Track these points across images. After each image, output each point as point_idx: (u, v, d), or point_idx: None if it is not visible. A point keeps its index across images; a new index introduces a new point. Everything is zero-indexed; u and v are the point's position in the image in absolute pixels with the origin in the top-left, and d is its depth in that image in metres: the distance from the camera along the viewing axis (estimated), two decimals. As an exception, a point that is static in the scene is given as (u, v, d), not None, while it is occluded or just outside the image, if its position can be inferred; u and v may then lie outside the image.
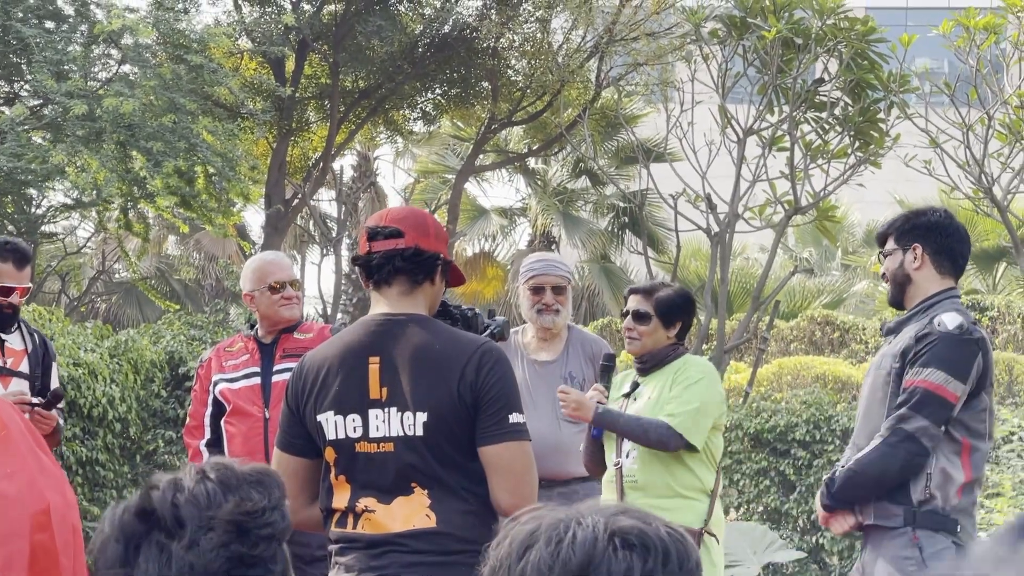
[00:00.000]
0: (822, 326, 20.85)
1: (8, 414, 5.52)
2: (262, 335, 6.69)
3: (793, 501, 12.66)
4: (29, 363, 6.70)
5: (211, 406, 6.67)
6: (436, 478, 4.17)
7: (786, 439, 12.77)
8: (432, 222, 4.43)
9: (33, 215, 21.23)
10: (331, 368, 4.30)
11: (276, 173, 24.60)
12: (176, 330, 12.66)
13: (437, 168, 31.48)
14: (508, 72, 25.15)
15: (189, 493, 2.08)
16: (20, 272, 6.62)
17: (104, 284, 32.00)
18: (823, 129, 12.51)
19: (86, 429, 10.29)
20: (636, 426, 5.92)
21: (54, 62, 17.70)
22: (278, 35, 22.20)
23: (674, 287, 6.31)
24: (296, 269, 6.68)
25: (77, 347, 10.30)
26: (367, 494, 4.24)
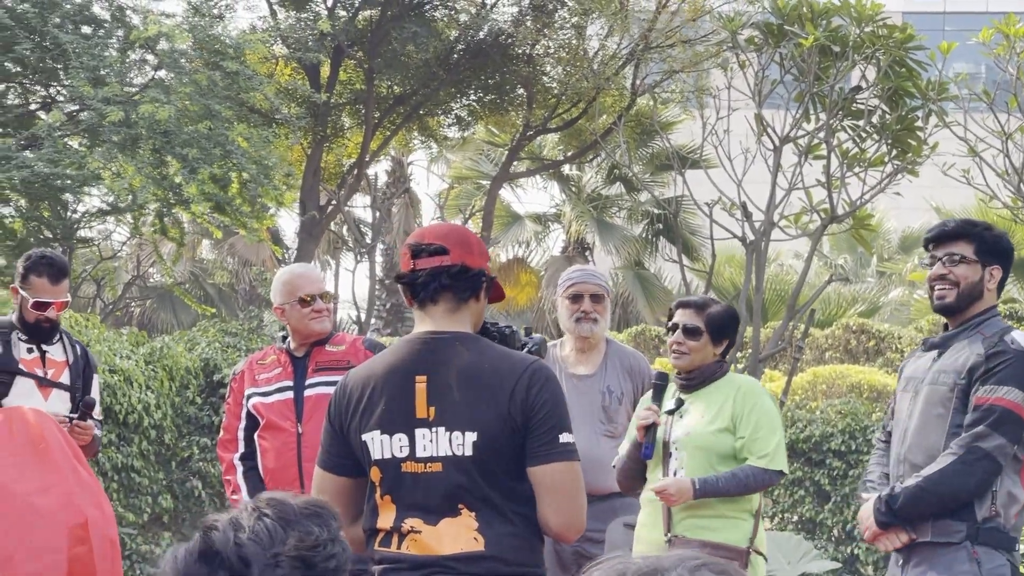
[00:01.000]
0: (857, 334, 20.74)
1: (47, 427, 5.53)
2: (294, 348, 6.66)
3: (828, 511, 12.60)
4: (70, 374, 6.70)
5: (244, 419, 6.64)
6: (484, 499, 4.12)
7: (821, 449, 12.71)
8: (475, 239, 4.37)
9: (69, 220, 21.30)
10: (376, 386, 4.24)
11: (311, 179, 24.63)
12: (211, 337, 12.69)
13: (471, 174, 31.48)
14: (543, 79, 25.13)
15: (250, 531, 2.06)
16: (56, 287, 6.62)
17: (138, 289, 32.09)
18: (860, 137, 12.43)
19: (121, 435, 10.31)
20: (736, 484, 5.83)
21: (91, 68, 17.77)
22: (313, 41, 22.24)
23: (723, 304, 6.24)
24: (328, 280, 6.60)
25: (113, 354, 10.31)
26: (413, 514, 4.17)
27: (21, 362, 6.54)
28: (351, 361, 6.47)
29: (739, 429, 5.91)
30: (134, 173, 18.08)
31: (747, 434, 5.89)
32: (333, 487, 4.34)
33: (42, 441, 5.43)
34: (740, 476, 5.83)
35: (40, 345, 6.65)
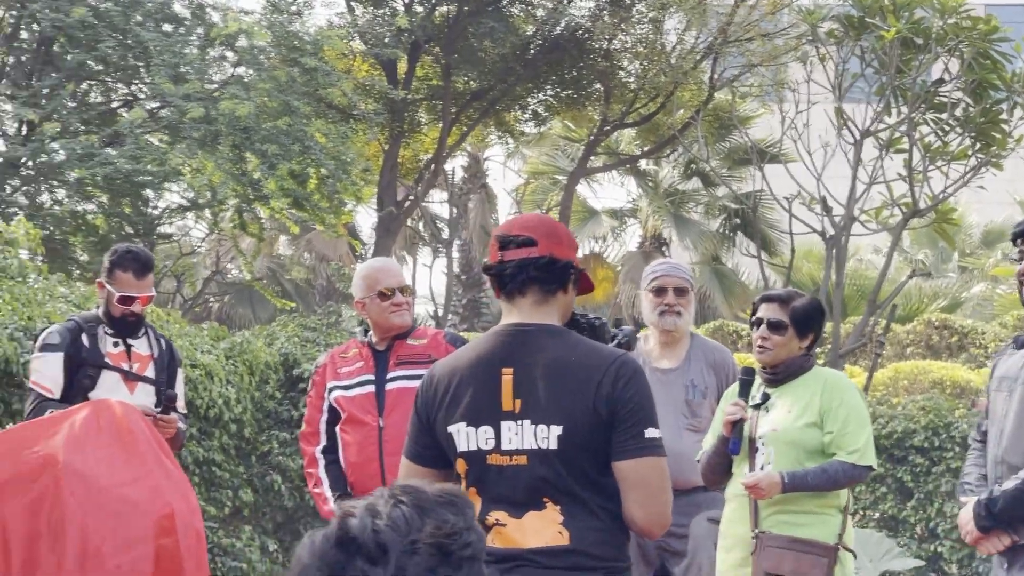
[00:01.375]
0: (939, 330, 20.56)
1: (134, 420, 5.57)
2: (376, 342, 6.67)
3: (911, 508, 12.48)
4: (155, 368, 6.75)
5: (326, 412, 6.66)
6: (569, 493, 4.08)
7: (903, 445, 12.60)
8: (564, 230, 4.33)
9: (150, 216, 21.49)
10: (463, 378, 4.21)
11: (388, 175, 24.72)
12: (290, 332, 12.74)
13: (547, 169, 31.47)
14: (620, 73, 25.08)
15: (387, 518, 2.05)
16: (141, 281, 6.66)
17: (217, 284, 32.34)
18: (943, 130, 12.33)
19: (202, 429, 10.38)
20: (824, 478, 5.77)
21: (172, 65, 17.92)
22: (391, 37, 22.31)
23: (808, 297, 6.18)
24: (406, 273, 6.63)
25: (194, 348, 10.38)
26: (498, 507, 4.15)
27: (107, 356, 6.60)
28: (432, 355, 6.48)
29: (827, 424, 5.86)
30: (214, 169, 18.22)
31: (836, 429, 5.83)
32: (419, 478, 4.33)
33: (129, 434, 5.47)
34: (829, 471, 5.78)
35: (126, 339, 6.70)
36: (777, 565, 5.72)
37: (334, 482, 6.57)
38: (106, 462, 5.37)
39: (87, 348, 6.56)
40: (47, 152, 17.83)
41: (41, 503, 5.28)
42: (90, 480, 5.31)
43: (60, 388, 6.44)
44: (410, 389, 6.42)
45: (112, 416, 5.52)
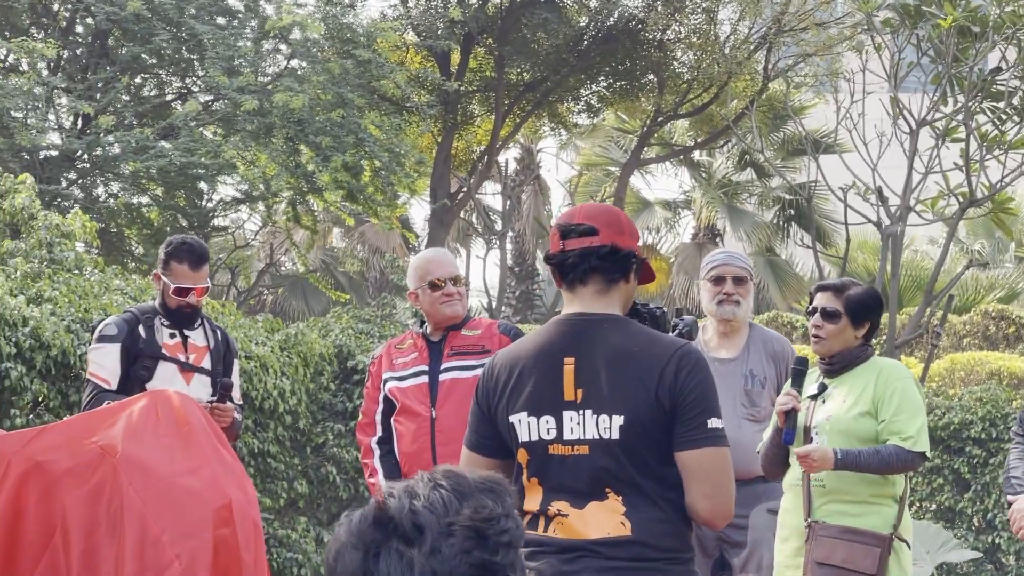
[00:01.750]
0: (996, 320, 20.41)
1: (191, 410, 5.60)
2: (430, 332, 6.68)
3: (968, 500, 12.41)
4: (211, 359, 6.78)
5: (382, 403, 6.69)
6: (631, 483, 4.06)
7: (960, 436, 12.52)
8: (625, 219, 4.31)
9: (204, 209, 21.60)
10: (524, 368, 4.19)
11: (441, 166, 24.74)
12: (344, 324, 12.78)
13: (601, 161, 31.41)
14: (674, 64, 25.00)
15: (425, 500, 2.06)
16: (196, 272, 6.69)
17: (271, 277, 32.46)
18: (1000, 119, 12.24)
19: (258, 421, 10.42)
20: (877, 460, 5.74)
21: (226, 58, 18.00)
22: (444, 29, 22.32)
23: (864, 286, 6.14)
24: (460, 264, 6.64)
25: (249, 340, 10.42)
26: (560, 497, 4.14)
27: (164, 347, 6.64)
28: (486, 345, 6.49)
29: (880, 412, 5.83)
30: (267, 162, 18.30)
31: (888, 416, 5.81)
32: (481, 468, 4.32)
33: (186, 424, 5.50)
34: (883, 453, 5.75)
35: (182, 330, 6.74)
36: (829, 555, 5.70)
37: (388, 473, 6.60)
38: (164, 452, 5.40)
39: (144, 339, 6.59)
40: (102, 145, 17.94)
41: (100, 493, 5.31)
42: (148, 470, 5.34)
43: (117, 379, 6.48)
44: (463, 380, 6.44)
45: (170, 406, 5.55)
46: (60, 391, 8.49)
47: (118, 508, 5.25)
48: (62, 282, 9.41)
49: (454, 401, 6.43)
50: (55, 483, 5.34)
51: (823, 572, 5.70)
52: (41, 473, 5.37)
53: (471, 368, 6.47)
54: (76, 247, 10.84)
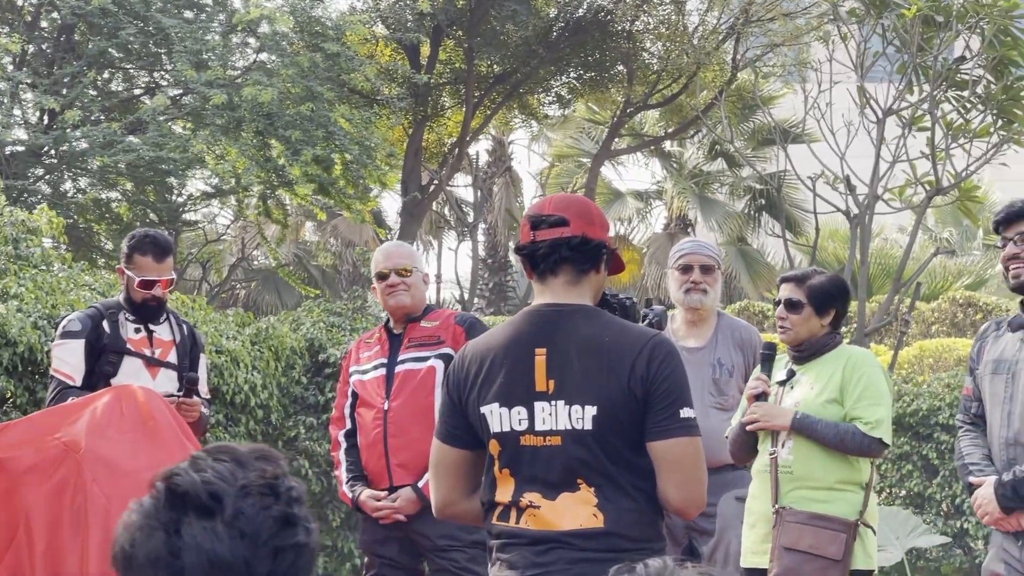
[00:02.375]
0: (964, 307, 20.50)
1: (156, 405, 5.60)
2: (393, 325, 6.72)
3: (936, 485, 12.47)
4: (177, 354, 6.77)
5: (350, 396, 6.74)
6: (604, 473, 4.08)
7: (929, 423, 12.59)
8: (596, 210, 4.32)
9: (174, 203, 21.55)
10: (495, 359, 4.19)
11: (412, 159, 24.74)
12: (316, 317, 12.77)
13: (572, 152, 31.45)
14: (643, 55, 25.05)
15: (213, 472, 2.09)
16: (161, 264, 6.68)
17: (243, 271, 32.41)
18: (964, 108, 12.28)
19: (229, 416, 10.41)
20: (833, 432, 5.83)
21: (194, 52, 17.96)
22: (413, 21, 22.31)
23: (827, 274, 6.19)
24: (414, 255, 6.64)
25: (219, 335, 10.41)
26: (532, 489, 4.15)
27: (129, 342, 6.62)
28: (441, 336, 6.53)
29: (846, 399, 5.90)
30: (237, 156, 18.26)
31: (852, 402, 5.87)
32: (451, 459, 4.33)
33: (151, 419, 5.50)
34: (840, 428, 5.83)
35: (148, 325, 6.73)
36: (796, 540, 5.75)
37: (351, 464, 6.67)
38: (129, 447, 5.40)
39: (108, 334, 6.58)
40: (69, 140, 17.89)
41: (64, 489, 5.31)
42: (113, 466, 5.33)
43: (82, 375, 6.46)
44: (415, 371, 6.48)
45: (134, 401, 5.55)
46: (27, 388, 8.48)
47: (82, 505, 5.25)
48: (28, 278, 9.38)
49: (407, 392, 6.47)
50: (18, 480, 5.33)
51: (790, 557, 5.74)
52: (3, 470, 5.36)
53: (424, 359, 6.50)
54: (43, 243, 10.81)
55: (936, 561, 12.61)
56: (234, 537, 2.02)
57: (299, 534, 2.07)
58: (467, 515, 4.40)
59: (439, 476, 4.38)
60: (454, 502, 4.38)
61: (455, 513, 4.43)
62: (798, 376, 6.08)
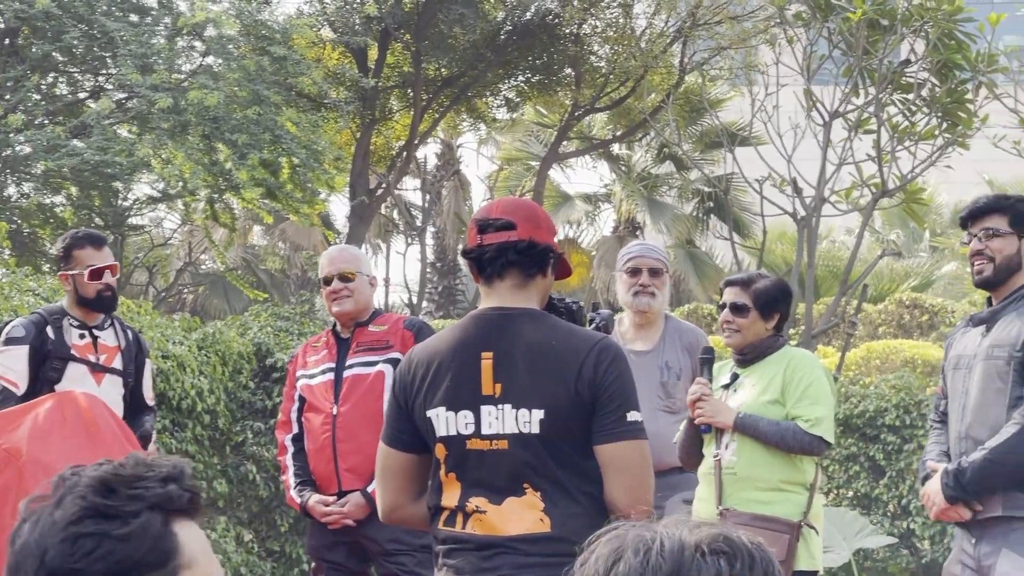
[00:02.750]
0: (910, 309, 20.63)
1: (99, 411, 5.56)
2: (340, 329, 6.70)
3: (883, 486, 12.54)
4: (123, 360, 6.73)
5: (296, 401, 6.72)
6: (550, 478, 4.08)
7: (876, 424, 12.65)
8: (543, 214, 4.32)
9: (120, 208, 21.43)
10: (442, 363, 4.19)
11: (360, 163, 24.68)
12: (263, 321, 12.71)
13: (520, 155, 31.46)
14: (591, 58, 25.08)
15: (79, 469, 2.11)
16: (101, 252, 6.65)
17: (191, 275, 32.25)
18: (910, 111, 12.35)
19: (175, 421, 10.35)
20: (775, 430, 5.86)
21: (139, 55, 17.84)
22: (360, 24, 22.27)
23: (771, 278, 6.22)
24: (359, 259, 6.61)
25: (166, 340, 10.35)
26: (478, 493, 4.14)
27: (73, 348, 6.58)
28: (390, 341, 6.52)
29: (787, 399, 5.93)
30: (184, 160, 18.16)
31: (793, 402, 5.90)
32: (397, 463, 4.32)
33: (94, 425, 5.46)
34: (782, 426, 5.87)
35: (92, 331, 6.68)
36: None
37: (298, 469, 6.65)
38: (71, 454, 5.34)
39: (52, 340, 6.53)
40: (12, 145, 17.75)
41: (5, 496, 5.25)
42: (55, 472, 5.27)
43: (26, 382, 6.41)
44: (363, 376, 6.47)
45: (77, 408, 5.50)
46: (-29, 394, 8.39)
47: (24, 511, 5.20)
48: (-28, 284, 9.30)
49: (355, 397, 6.46)
50: (-41, 488, 5.28)
51: None
52: (-56, 477, 5.31)
53: (373, 364, 6.50)
54: (-13, 248, 10.72)
55: (883, 562, 12.68)
56: (47, 524, 2.04)
57: (102, 524, 2.05)
58: (413, 519, 4.39)
59: (385, 480, 4.37)
60: (400, 506, 4.36)
61: (401, 517, 4.41)
62: (741, 379, 6.11)
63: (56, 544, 2.02)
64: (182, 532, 2.09)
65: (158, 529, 2.06)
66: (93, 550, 2.02)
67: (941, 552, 12.24)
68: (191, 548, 2.09)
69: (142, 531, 2.04)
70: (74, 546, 2.02)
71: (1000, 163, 19.33)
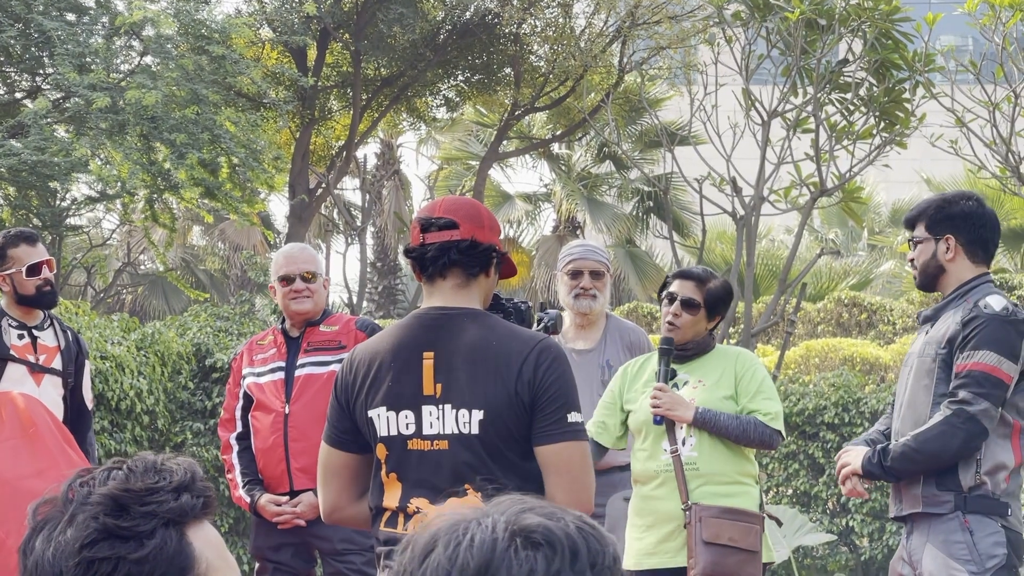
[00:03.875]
0: (849, 307, 20.75)
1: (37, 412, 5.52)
2: (289, 328, 6.69)
3: (822, 484, 12.62)
4: (62, 360, 6.68)
5: (242, 399, 6.69)
6: (491, 479, 4.07)
7: (815, 422, 12.73)
8: (486, 213, 4.31)
9: (58, 208, 21.27)
10: (383, 362, 4.18)
11: (299, 162, 24.60)
12: (203, 322, 12.67)
13: (460, 155, 31.45)
14: (530, 58, 25.10)
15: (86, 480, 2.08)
16: (36, 248, 6.62)
17: (130, 276, 32.06)
18: (848, 110, 12.43)
19: (114, 422, 10.30)
20: (736, 424, 5.90)
21: (76, 55, 17.71)
22: (299, 24, 22.18)
23: (721, 279, 6.26)
24: (317, 260, 6.60)
25: (104, 340, 10.30)
26: (418, 494, 4.14)
27: (12, 348, 6.53)
28: (342, 341, 6.51)
29: (741, 395, 5.98)
30: (122, 160, 18.04)
31: (749, 397, 5.96)
32: (339, 463, 4.32)
33: (32, 426, 5.43)
34: (743, 419, 5.92)
35: (31, 331, 6.64)
36: (716, 534, 5.79)
37: (245, 467, 6.62)
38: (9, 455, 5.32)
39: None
40: (-50, 144, 17.59)
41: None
42: (-9, 473, 5.26)
43: None
44: (316, 375, 6.46)
45: (15, 408, 5.47)
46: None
47: (-39, 513, 5.17)
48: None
49: (307, 397, 6.44)
50: None
51: (712, 552, 5.77)
52: None
53: (326, 364, 6.48)
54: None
55: (823, 559, 12.76)
56: (60, 542, 2.00)
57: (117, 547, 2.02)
58: (355, 520, 4.39)
59: (327, 480, 4.37)
60: (342, 507, 4.36)
61: (342, 518, 4.41)
62: (682, 376, 6.12)
63: (71, 569, 1.99)
64: (197, 540, 2.06)
65: (174, 546, 2.04)
66: (109, 574, 2.00)
67: (880, 549, 12.33)
68: (207, 555, 2.06)
69: (158, 552, 2.02)
70: (89, 571, 2.00)
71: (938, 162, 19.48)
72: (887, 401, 12.35)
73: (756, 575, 5.83)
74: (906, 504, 5.28)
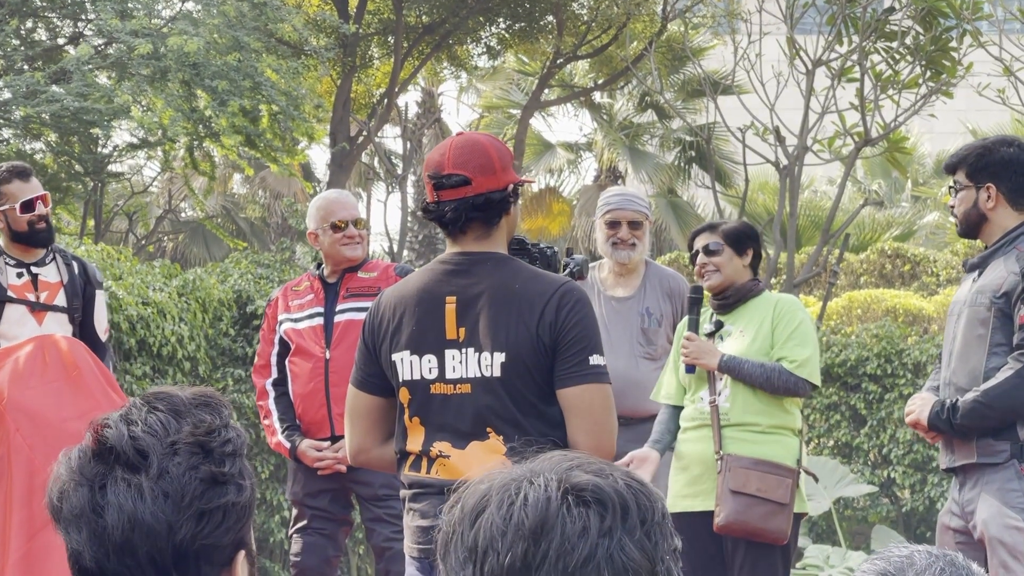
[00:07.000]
0: (892, 259, 20.64)
1: (79, 354, 5.53)
2: (327, 274, 6.68)
3: (864, 435, 12.57)
4: (66, 295, 6.49)
5: (277, 345, 6.69)
6: (513, 422, 4.08)
7: (857, 373, 12.67)
8: (495, 154, 4.23)
9: (99, 155, 21.29)
10: (408, 307, 4.21)
11: (340, 111, 24.56)
12: (243, 269, 12.67)
13: (502, 103, 31.35)
14: (572, 5, 24.95)
15: (144, 424, 2.04)
16: (29, 183, 6.45)
17: (171, 223, 32.15)
18: (893, 59, 12.33)
19: (156, 368, 10.32)
20: (760, 373, 5.89)
21: (118, 1, 17.71)
22: (341, -30, 22.10)
23: (736, 220, 6.29)
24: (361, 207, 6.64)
25: (145, 286, 10.31)
26: (441, 438, 4.15)
27: (10, 288, 6.37)
28: (381, 288, 6.49)
29: (775, 341, 5.95)
30: (163, 106, 18.05)
31: (779, 344, 5.92)
32: (365, 405, 4.34)
33: (75, 368, 5.44)
34: (767, 366, 5.89)
35: (30, 268, 6.49)
36: (743, 484, 5.79)
37: (283, 413, 6.61)
38: (53, 397, 5.34)
39: None
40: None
41: (-14, 437, 5.25)
42: (36, 416, 5.27)
43: None
44: (357, 321, 6.44)
45: (58, 351, 5.48)
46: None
47: (5, 455, 5.20)
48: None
49: (348, 342, 6.42)
50: (-61, 431, 5.26)
51: (737, 501, 5.78)
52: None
53: (366, 310, 6.46)
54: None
55: (863, 510, 12.73)
56: (157, 498, 1.99)
57: (228, 494, 2.04)
58: (380, 462, 4.42)
59: (353, 422, 4.40)
60: (367, 449, 4.39)
61: (368, 460, 4.45)
62: (727, 327, 6.10)
63: (186, 521, 2.00)
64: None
65: (252, 475, 2.09)
66: (222, 522, 2.02)
67: (921, 501, 12.29)
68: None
69: (252, 487, 2.08)
70: (202, 523, 2.01)
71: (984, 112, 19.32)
72: (930, 353, 12.28)
73: (783, 528, 5.79)
74: (959, 455, 5.23)
